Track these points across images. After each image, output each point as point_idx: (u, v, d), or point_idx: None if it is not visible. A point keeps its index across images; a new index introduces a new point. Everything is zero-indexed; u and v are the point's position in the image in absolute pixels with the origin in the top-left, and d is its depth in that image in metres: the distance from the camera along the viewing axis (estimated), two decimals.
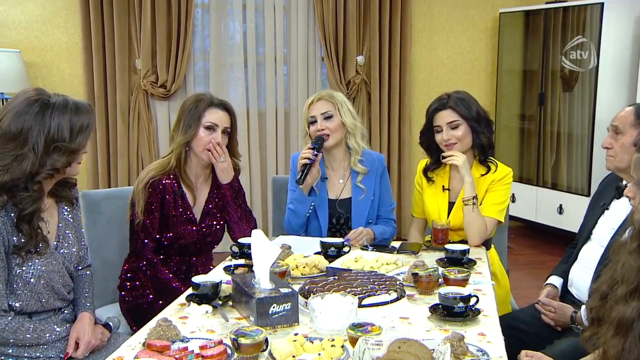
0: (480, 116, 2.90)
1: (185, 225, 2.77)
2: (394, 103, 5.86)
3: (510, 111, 6.15)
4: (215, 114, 2.77)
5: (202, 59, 5.83)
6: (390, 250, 2.73)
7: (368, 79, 5.82)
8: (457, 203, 2.93)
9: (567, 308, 2.53)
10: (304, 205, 2.99)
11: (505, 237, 3.32)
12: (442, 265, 2.49)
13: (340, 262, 2.49)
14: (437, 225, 2.79)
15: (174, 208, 2.74)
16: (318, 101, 3.01)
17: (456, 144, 2.90)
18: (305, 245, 2.77)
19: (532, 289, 2.91)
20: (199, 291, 2.12)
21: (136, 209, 2.70)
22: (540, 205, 5.81)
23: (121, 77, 5.58)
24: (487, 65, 6.18)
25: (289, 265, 2.42)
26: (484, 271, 2.48)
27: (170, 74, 5.58)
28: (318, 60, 5.86)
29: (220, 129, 2.77)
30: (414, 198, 3.16)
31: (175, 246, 2.78)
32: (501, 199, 2.92)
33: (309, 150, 2.91)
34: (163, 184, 2.72)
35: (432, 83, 6.09)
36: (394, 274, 2.36)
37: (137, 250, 2.72)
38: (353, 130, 3.01)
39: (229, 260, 2.66)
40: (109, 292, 2.91)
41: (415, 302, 2.14)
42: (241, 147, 5.68)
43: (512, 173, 2.97)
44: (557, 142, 5.74)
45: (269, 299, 1.91)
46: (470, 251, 2.59)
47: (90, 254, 2.89)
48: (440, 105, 2.92)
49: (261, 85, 5.86)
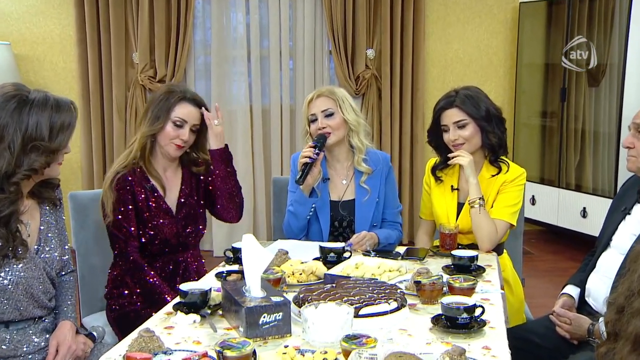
0: (489, 114, 2.88)
1: (161, 217, 2.77)
2: (405, 99, 5.83)
3: (530, 108, 6.10)
4: (186, 109, 2.77)
5: (203, 53, 5.84)
6: (395, 256, 2.70)
7: (378, 74, 5.80)
8: (466, 204, 2.91)
9: (584, 320, 2.48)
10: (305, 207, 2.98)
11: (520, 242, 3.29)
12: (449, 273, 2.47)
13: (339, 269, 2.47)
14: (445, 230, 2.77)
15: (146, 202, 2.75)
16: (318, 98, 3.00)
17: (464, 144, 2.88)
18: (304, 250, 2.75)
19: (552, 297, 2.88)
20: (187, 299, 2.10)
21: (106, 210, 2.70)
22: (563, 208, 5.76)
23: (117, 71, 5.59)
24: (505, 59, 6.14)
25: (285, 271, 2.40)
26: (493, 279, 2.45)
27: (169, 69, 5.59)
28: (326, 54, 5.85)
29: (189, 126, 2.78)
30: (422, 199, 3.15)
31: (157, 243, 2.78)
32: (513, 201, 2.89)
33: (309, 148, 2.90)
34: (129, 180, 2.73)
35: (447, 78, 6.06)
36: (397, 282, 2.33)
37: (121, 252, 2.72)
38: (356, 127, 3.00)
39: (222, 266, 2.65)
40: (97, 300, 2.92)
41: (418, 312, 2.12)
42: (244, 147, 5.84)
43: (525, 174, 2.95)
44: (582, 141, 5.69)
45: (259, 308, 1.90)
46: (479, 257, 2.56)
47: (78, 259, 2.92)
48: (447, 103, 2.91)
49: (265, 81, 5.85)
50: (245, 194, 5.79)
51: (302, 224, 3.02)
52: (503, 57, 6.14)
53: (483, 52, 6.12)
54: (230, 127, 5.82)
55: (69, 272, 2.38)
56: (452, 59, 6.09)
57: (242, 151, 5.81)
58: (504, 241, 2.98)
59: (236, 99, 5.90)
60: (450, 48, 6.08)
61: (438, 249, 2.81)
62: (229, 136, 5.82)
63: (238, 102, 5.87)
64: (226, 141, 5.88)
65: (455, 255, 2.51)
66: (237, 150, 5.83)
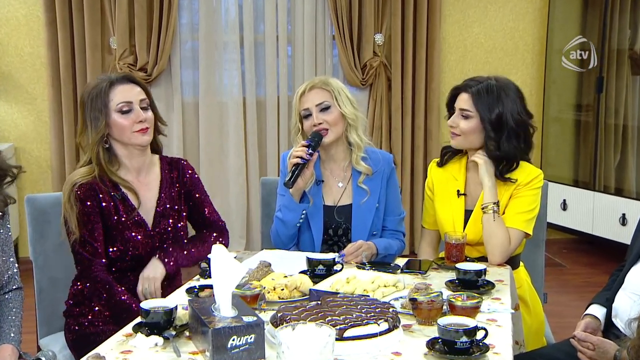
0: (501, 122, 2.84)
1: (133, 231, 2.74)
2: (419, 90, 5.80)
3: (562, 100, 6.06)
4: (123, 91, 2.72)
5: (190, 38, 5.83)
6: (394, 269, 2.68)
7: (388, 62, 5.77)
8: (475, 211, 2.89)
9: (610, 345, 2.45)
10: (294, 214, 2.96)
11: (541, 253, 3.27)
12: (453, 289, 2.45)
13: (328, 284, 2.45)
14: (450, 240, 2.75)
15: (115, 214, 2.71)
16: (311, 90, 2.98)
17: (459, 137, 2.90)
18: (291, 262, 2.73)
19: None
20: (149, 319, 2.08)
21: (69, 226, 2.67)
22: (599, 215, 5.71)
23: (92, 58, 5.58)
24: (534, 44, 6.09)
25: (265, 287, 2.38)
26: (504, 296, 2.43)
27: (151, 55, 5.58)
28: (328, 40, 5.82)
29: (138, 105, 2.72)
30: (424, 205, 3.14)
31: (127, 259, 2.75)
32: (528, 207, 2.87)
33: (302, 147, 2.88)
34: (95, 189, 2.69)
35: (466, 66, 6.02)
36: (392, 299, 2.32)
37: (85, 272, 2.69)
38: (354, 122, 2.99)
39: (196, 280, 2.63)
40: (57, 318, 2.90)
41: (413, 334, 2.10)
42: (236, 143, 5.83)
43: (542, 175, 2.92)
44: (622, 138, 5.66)
45: (227, 329, 1.88)
46: (489, 271, 2.54)
47: (36, 271, 2.91)
48: (464, 86, 2.93)
49: (260, 70, 5.84)
50: (237, 196, 5.88)
51: (292, 233, 3.00)
52: (531, 42, 6.09)
53: (508, 36, 6.07)
54: (221, 121, 5.82)
55: (14, 288, 2.36)
56: (471, 44, 6.05)
57: (234, 148, 5.81)
58: (519, 253, 2.96)
59: (227, 90, 5.88)
60: (469, 32, 6.04)
61: (443, 261, 2.79)
62: (219, 131, 5.83)
63: (229, 93, 5.86)
64: (216, 137, 5.93)
65: (460, 269, 2.48)
66: (228, 148, 5.83)
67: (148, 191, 2.82)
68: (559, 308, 3.74)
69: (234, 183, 5.87)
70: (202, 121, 5.79)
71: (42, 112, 5.74)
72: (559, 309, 3.84)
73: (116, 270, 2.76)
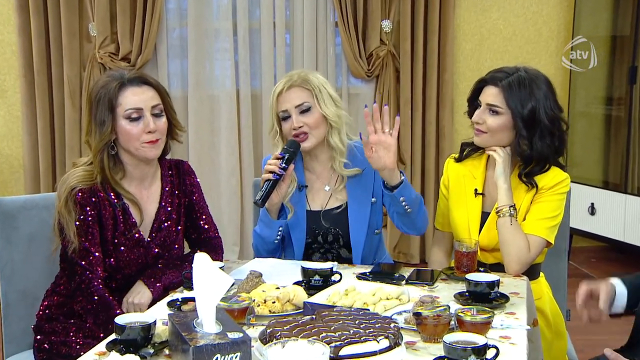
0: (534, 119, 2.83)
1: (131, 250, 2.74)
2: (430, 82, 5.81)
3: (590, 92, 6.05)
4: (134, 95, 2.69)
5: (178, 24, 5.85)
6: (398, 280, 2.68)
7: (396, 51, 5.78)
8: (492, 213, 2.90)
9: None
10: (271, 230, 2.98)
11: (564, 262, 3.26)
12: (462, 302, 2.44)
13: (325, 296, 2.45)
14: (461, 248, 2.75)
15: (114, 227, 2.71)
16: (289, 89, 2.97)
17: (485, 134, 2.88)
18: (285, 272, 2.74)
19: (614, 334, 2.84)
20: (124, 335, 2.07)
21: (66, 233, 2.66)
22: (631, 220, 5.70)
23: (69, 46, 5.60)
24: (559, 30, 6.08)
25: (254, 299, 2.38)
26: (519, 311, 2.41)
27: (135, 44, 5.60)
28: (331, 27, 5.83)
29: (148, 111, 2.69)
30: (438, 204, 3.16)
31: (118, 277, 2.76)
32: (551, 213, 2.86)
33: (275, 160, 2.88)
34: (97, 197, 2.68)
35: (483, 56, 6.02)
36: (394, 313, 2.32)
37: (84, 288, 2.66)
38: (337, 123, 2.99)
39: (180, 292, 2.63)
40: (27, 334, 2.88)
41: (417, 352, 2.09)
42: (229, 141, 5.83)
43: (569, 180, 2.91)
44: None
45: (210, 347, 1.86)
46: (502, 283, 2.53)
47: (2, 282, 2.89)
48: (493, 79, 2.90)
49: (256, 60, 5.85)
50: (230, 199, 5.88)
51: (272, 248, 3.04)
52: (556, 28, 6.08)
53: (530, 22, 6.06)
54: (212, 116, 5.84)
55: None
56: (489, 31, 6.04)
57: (227, 146, 5.83)
58: (540, 262, 2.95)
59: (219, 82, 5.92)
60: (487, 17, 6.04)
61: (452, 271, 2.78)
62: (210, 128, 5.84)
63: (221, 85, 5.89)
64: (207, 134, 5.95)
65: (470, 280, 2.47)
66: (220, 146, 5.84)
67: (150, 204, 2.81)
68: (585, 324, 3.69)
69: (226, 185, 5.88)
70: (191, 116, 5.80)
71: (13, 106, 5.77)
72: (585, 325, 3.79)
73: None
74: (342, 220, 3.03)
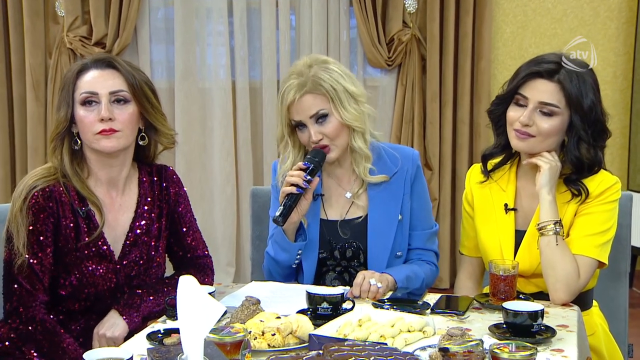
0: (594, 114, 2.82)
1: (94, 262, 2.72)
2: (463, 73, 5.83)
3: None
4: (90, 77, 2.71)
5: (162, 3, 5.90)
6: (422, 309, 2.66)
7: (422, 36, 5.81)
8: (529, 232, 2.88)
9: None
10: (288, 254, 3.00)
11: (624, 289, 3.24)
12: (498, 336, 2.42)
13: (334, 327, 2.42)
14: (497, 271, 2.73)
15: (76, 236, 2.70)
16: (302, 97, 2.95)
17: (533, 138, 2.83)
18: (287, 298, 2.74)
19: None
20: None
21: (15, 244, 2.64)
22: None
23: (32, 28, 5.64)
24: (620, 10, 6.07)
25: (251, 331, 2.36)
26: (568, 347, 2.38)
27: (111, 26, 5.64)
28: (344, 7, 5.86)
29: (106, 98, 2.69)
30: (462, 225, 3.15)
31: (82, 297, 2.74)
32: (601, 227, 2.83)
33: (298, 171, 2.88)
34: (55, 200, 2.68)
35: (527, 41, 6.03)
36: (417, 349, 2.30)
37: (20, 309, 2.65)
38: (359, 126, 2.98)
39: (163, 322, 2.62)
40: None
41: None
42: (223, 141, 5.83)
43: (619, 185, 2.89)
44: None
45: None
46: (547, 313, 2.53)
47: None
48: (547, 72, 2.84)
49: (255, 46, 5.89)
50: (225, 211, 5.89)
51: (288, 273, 3.06)
52: (616, 7, 6.07)
53: (584, 0, 6.04)
54: (204, 112, 5.88)
55: None
56: (534, 12, 6.05)
57: (220, 147, 5.87)
58: (592, 288, 2.93)
59: (212, 71, 5.96)
60: None
61: (487, 298, 2.77)
62: (200, 126, 5.86)
63: (215, 75, 5.94)
64: (197, 133, 5.98)
65: (508, 310, 2.45)
66: (212, 147, 5.85)
67: (122, 213, 2.81)
68: None
69: (219, 194, 5.91)
70: (178, 112, 5.83)
71: None
72: None
73: (63, 310, 2.75)
74: (364, 232, 3.03)
